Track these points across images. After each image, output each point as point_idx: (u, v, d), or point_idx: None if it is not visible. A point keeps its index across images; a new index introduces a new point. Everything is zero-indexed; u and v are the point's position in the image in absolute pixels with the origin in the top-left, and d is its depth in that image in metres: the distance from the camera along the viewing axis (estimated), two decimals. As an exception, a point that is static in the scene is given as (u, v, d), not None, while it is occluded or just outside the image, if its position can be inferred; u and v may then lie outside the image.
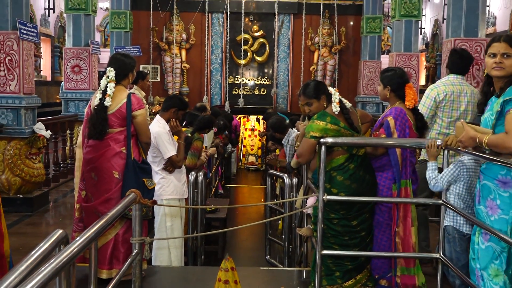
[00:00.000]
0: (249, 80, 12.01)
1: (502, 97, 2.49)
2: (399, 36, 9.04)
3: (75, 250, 1.94)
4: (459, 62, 4.32)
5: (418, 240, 4.26)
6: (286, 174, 5.14)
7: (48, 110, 11.88)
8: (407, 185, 3.37)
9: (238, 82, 11.95)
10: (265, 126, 11.49)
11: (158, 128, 4.38)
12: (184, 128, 5.08)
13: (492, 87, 2.69)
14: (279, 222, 6.43)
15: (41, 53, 14.18)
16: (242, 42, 11.78)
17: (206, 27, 11.70)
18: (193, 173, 5.07)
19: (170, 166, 4.41)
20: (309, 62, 11.92)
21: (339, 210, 3.33)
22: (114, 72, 3.65)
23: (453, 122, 4.11)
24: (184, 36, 11.67)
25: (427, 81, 15.11)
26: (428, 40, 15.94)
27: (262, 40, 11.89)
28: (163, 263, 4.42)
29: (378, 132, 3.50)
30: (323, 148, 3.15)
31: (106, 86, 3.62)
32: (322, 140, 3.17)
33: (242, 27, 11.70)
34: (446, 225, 3.26)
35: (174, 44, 11.60)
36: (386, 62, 10.66)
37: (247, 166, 13.13)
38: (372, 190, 3.39)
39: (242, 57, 11.81)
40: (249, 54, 11.89)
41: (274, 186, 7.23)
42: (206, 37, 11.73)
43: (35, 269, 1.69)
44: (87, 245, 2.11)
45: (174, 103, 4.56)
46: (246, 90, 11.98)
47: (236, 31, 11.82)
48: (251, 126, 13.43)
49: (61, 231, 2.02)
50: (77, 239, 2.05)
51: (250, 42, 11.87)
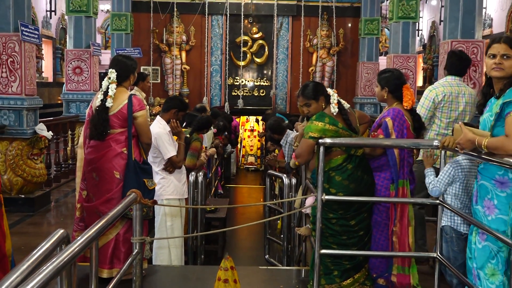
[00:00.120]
0: (248, 81, 12.01)
1: (502, 98, 2.48)
2: (397, 37, 9.05)
3: (76, 249, 1.93)
4: (458, 64, 4.32)
5: (415, 239, 4.27)
6: (285, 174, 5.14)
7: (49, 111, 11.88)
8: (405, 185, 3.37)
9: (238, 83, 11.94)
10: (264, 127, 11.48)
11: (159, 129, 4.37)
12: (183, 128, 5.08)
13: (492, 88, 2.68)
14: (278, 221, 6.44)
15: (42, 54, 14.17)
16: (242, 44, 11.78)
17: (206, 29, 11.70)
18: (193, 173, 5.07)
19: (170, 166, 4.41)
20: (307, 63, 11.93)
21: (338, 210, 3.32)
22: (116, 73, 3.65)
23: (451, 122, 4.11)
24: (184, 38, 11.68)
25: (425, 82, 15.12)
26: (425, 41, 15.95)
27: (261, 41, 11.89)
28: (164, 263, 4.41)
29: (376, 132, 3.50)
30: (322, 148, 3.15)
31: (108, 87, 3.62)
32: (320, 140, 3.17)
33: (242, 29, 11.70)
34: (443, 224, 3.26)
35: (174, 45, 11.59)
36: (384, 63, 10.68)
37: (247, 166, 13.13)
38: (370, 190, 3.39)
39: (241, 58, 11.81)
40: (248, 55, 11.90)
41: (273, 186, 7.23)
42: (206, 39, 11.73)
43: (37, 268, 1.69)
44: (88, 244, 2.11)
45: (174, 104, 4.56)
46: (246, 91, 11.98)
47: (235, 33, 11.82)
48: (251, 126, 13.43)
49: (62, 231, 2.01)
50: (78, 239, 2.05)
51: (249, 43, 11.88)
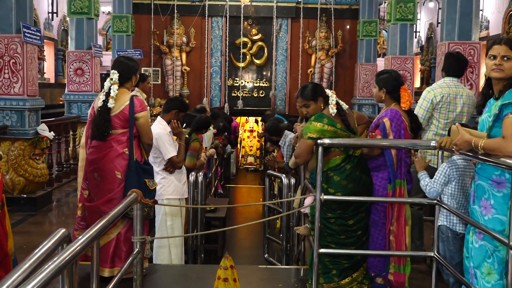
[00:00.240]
0: (248, 82, 12.01)
1: (501, 100, 2.48)
2: (395, 39, 9.06)
3: (78, 249, 1.93)
4: (455, 65, 4.32)
5: (412, 239, 4.27)
6: (284, 175, 5.14)
7: (51, 112, 11.88)
8: (402, 185, 3.38)
9: (237, 85, 11.95)
10: (263, 127, 11.48)
11: (159, 129, 4.37)
12: (183, 129, 5.08)
13: (491, 90, 2.67)
14: (277, 221, 6.43)
15: (44, 56, 14.15)
16: (241, 45, 11.78)
17: (206, 31, 11.70)
18: (193, 173, 5.07)
19: (171, 166, 4.41)
20: (306, 65, 11.93)
21: (336, 209, 3.32)
22: (118, 74, 3.65)
23: (449, 123, 4.11)
24: (184, 39, 11.67)
25: (422, 83, 15.13)
26: (422, 43, 15.96)
27: (260, 43, 11.90)
28: (164, 262, 4.41)
29: (374, 133, 3.50)
30: (320, 149, 3.15)
31: (110, 88, 3.62)
32: (319, 141, 3.17)
33: (241, 31, 11.70)
34: (440, 224, 3.26)
35: (174, 47, 11.59)
36: (381, 65, 10.69)
37: (246, 166, 13.12)
38: (368, 190, 3.39)
39: (241, 60, 11.82)
40: (248, 57, 11.90)
41: (272, 186, 7.23)
42: (206, 40, 11.73)
43: (38, 267, 1.69)
44: (89, 243, 2.11)
45: (175, 105, 4.55)
46: (245, 92, 11.98)
47: (235, 35, 11.82)
48: (250, 127, 13.43)
49: (63, 230, 2.01)
50: (79, 238, 2.05)
51: (249, 45, 11.88)
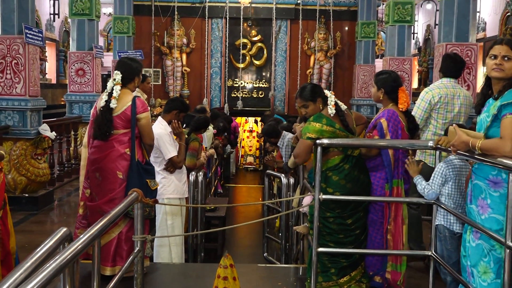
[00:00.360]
0: (247, 83, 12.01)
1: (500, 100, 2.47)
2: (393, 41, 9.06)
3: (79, 247, 1.93)
4: (452, 66, 4.33)
5: (412, 238, 4.27)
6: (283, 174, 5.14)
7: (53, 112, 11.87)
8: (399, 184, 3.38)
9: (237, 85, 11.94)
10: (263, 128, 11.47)
11: (160, 129, 4.36)
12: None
13: (490, 89, 2.67)
14: (276, 220, 6.43)
15: (46, 56, 14.16)
16: (241, 47, 11.78)
17: (206, 32, 11.70)
18: (193, 173, 5.06)
19: (171, 166, 4.40)
20: (305, 65, 11.94)
21: (335, 209, 3.32)
22: (121, 75, 3.65)
23: (447, 123, 4.11)
24: (184, 40, 11.67)
25: (420, 84, 15.14)
26: (420, 44, 15.96)
27: (260, 44, 11.90)
28: (164, 260, 4.41)
29: (371, 133, 3.50)
30: (319, 149, 3.15)
31: (112, 89, 3.61)
32: (318, 141, 3.17)
33: (241, 32, 11.70)
34: (437, 223, 3.26)
35: (175, 48, 11.59)
36: (380, 66, 10.68)
37: (246, 166, 13.11)
38: (366, 190, 3.39)
39: (240, 61, 11.81)
40: (247, 58, 11.90)
41: (272, 185, 7.22)
42: (206, 41, 11.73)
43: (40, 265, 1.69)
44: (90, 242, 2.11)
45: (176, 106, 4.55)
46: (245, 92, 11.98)
47: (235, 36, 11.82)
48: (250, 127, 13.41)
49: (65, 229, 2.01)
50: (80, 237, 2.05)
51: (248, 46, 11.88)
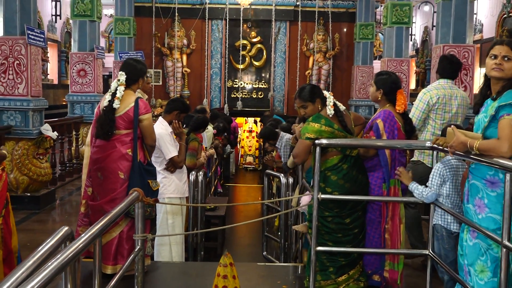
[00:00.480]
0: (247, 84, 12.01)
1: (498, 101, 2.47)
2: (391, 42, 9.06)
3: (80, 246, 1.93)
4: (449, 67, 4.33)
5: (415, 237, 4.27)
6: (282, 174, 5.14)
7: (54, 112, 11.85)
8: (396, 184, 3.38)
9: (237, 86, 11.95)
10: (260, 131, 11.47)
11: (161, 129, 4.36)
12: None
13: (489, 90, 2.66)
14: (276, 219, 6.43)
15: (48, 57, 14.15)
16: (241, 48, 11.78)
17: (206, 33, 11.70)
18: (193, 172, 5.06)
19: (172, 166, 4.40)
20: (304, 66, 11.94)
21: (333, 208, 3.32)
22: (125, 76, 3.65)
23: (445, 124, 4.11)
24: (185, 41, 11.68)
25: (417, 85, 15.14)
26: (418, 46, 15.97)
27: (259, 45, 11.90)
28: (165, 259, 4.40)
29: (368, 134, 3.50)
30: (318, 149, 3.15)
31: (116, 89, 3.61)
32: (317, 141, 3.17)
33: (241, 33, 11.70)
34: (435, 223, 3.26)
35: (175, 49, 11.59)
36: (378, 67, 10.68)
37: (245, 166, 13.11)
38: (364, 189, 3.39)
39: (240, 62, 11.81)
40: (247, 59, 11.90)
41: (271, 185, 7.22)
42: (206, 42, 11.73)
43: (42, 264, 1.69)
44: (92, 241, 2.10)
45: (176, 106, 4.54)
46: (244, 93, 11.98)
47: (235, 37, 11.82)
48: (249, 128, 13.41)
49: (66, 228, 2.01)
50: (82, 236, 2.05)
51: (248, 47, 11.88)
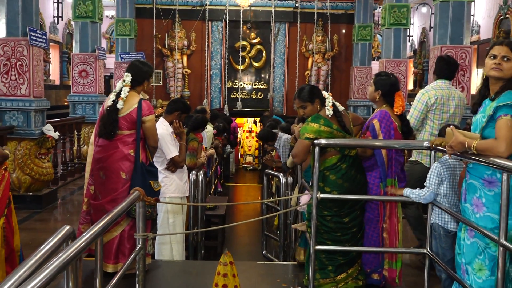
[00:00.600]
0: (247, 84, 12.02)
1: (496, 102, 2.47)
2: (389, 43, 9.06)
3: (82, 245, 1.93)
4: (446, 68, 4.33)
5: (418, 233, 4.27)
6: (281, 174, 5.14)
7: (56, 113, 11.85)
8: (393, 183, 3.37)
9: (237, 86, 11.95)
10: (262, 128, 11.46)
11: (162, 130, 4.35)
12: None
13: (488, 90, 2.66)
14: (275, 218, 6.43)
15: (50, 58, 14.14)
16: (240, 49, 11.79)
17: (206, 35, 11.71)
18: (193, 172, 5.05)
19: (173, 166, 4.40)
20: (303, 67, 11.95)
21: (332, 207, 3.32)
22: (131, 77, 3.64)
23: (443, 124, 4.11)
24: (185, 43, 11.68)
25: (415, 86, 15.14)
26: (416, 47, 15.97)
27: (259, 46, 11.90)
28: (166, 258, 4.40)
29: (365, 135, 3.50)
30: (317, 149, 3.15)
31: (121, 89, 3.61)
32: (316, 141, 3.17)
33: (241, 35, 11.70)
34: (432, 222, 3.26)
35: (176, 50, 11.59)
36: (376, 68, 10.69)
37: (245, 166, 13.11)
38: (363, 189, 3.39)
39: (240, 62, 11.82)
40: (247, 60, 11.90)
41: (270, 184, 7.22)
42: (206, 44, 11.73)
43: (44, 263, 1.69)
44: (93, 240, 2.10)
45: (178, 107, 4.53)
46: (244, 94, 11.98)
47: (234, 38, 11.83)
48: (249, 128, 13.41)
49: (68, 227, 2.01)
50: (83, 235, 2.04)
51: (248, 48, 11.88)
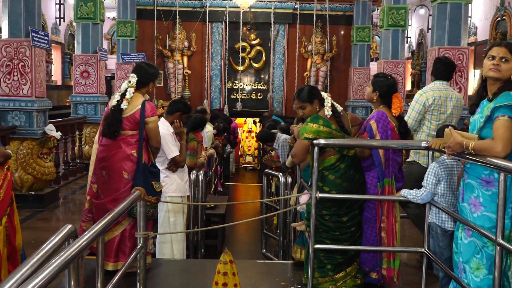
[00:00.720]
0: (246, 85, 12.01)
1: (494, 102, 2.47)
2: (387, 44, 9.06)
3: (83, 244, 1.93)
4: (444, 69, 4.32)
5: (422, 230, 4.26)
6: (281, 173, 5.14)
7: (58, 113, 11.84)
8: (390, 183, 3.37)
9: (236, 87, 11.94)
10: (261, 128, 11.47)
11: (163, 130, 4.33)
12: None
13: (486, 91, 2.66)
14: (274, 218, 6.43)
15: (52, 59, 14.12)
16: (240, 50, 11.78)
17: (207, 36, 11.70)
18: (194, 172, 5.05)
19: (174, 166, 4.39)
20: (302, 68, 11.94)
21: (331, 207, 3.32)
22: (136, 79, 3.64)
23: (440, 124, 4.10)
24: (186, 44, 11.67)
25: (413, 87, 15.13)
26: (413, 48, 15.96)
27: (259, 48, 11.90)
28: (166, 256, 4.40)
29: (363, 135, 3.50)
30: (316, 149, 3.15)
31: (126, 90, 3.61)
32: (315, 141, 3.17)
33: (240, 36, 11.70)
34: (430, 221, 3.26)
35: (176, 51, 11.58)
36: (374, 69, 10.71)
37: (245, 165, 13.11)
38: (361, 188, 3.39)
39: (240, 63, 11.81)
40: (246, 61, 11.90)
41: (270, 184, 7.22)
42: (207, 45, 11.73)
43: (46, 261, 1.69)
44: (94, 239, 2.10)
45: (178, 108, 4.53)
46: (244, 94, 11.98)
47: (234, 40, 11.82)
48: (249, 128, 13.41)
49: (70, 226, 2.01)
50: (85, 234, 2.05)
51: (247, 49, 11.88)
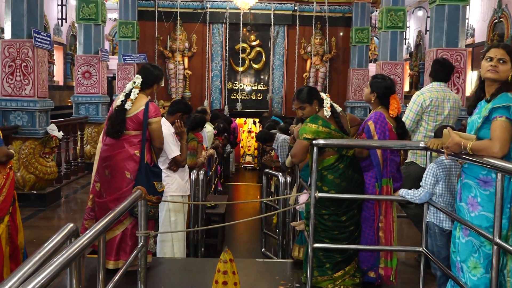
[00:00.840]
0: (246, 85, 12.01)
1: (492, 103, 2.47)
2: (385, 46, 9.05)
3: (85, 243, 1.93)
4: (441, 71, 4.32)
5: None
6: (280, 173, 5.13)
7: (60, 113, 11.85)
8: (388, 183, 3.37)
9: (237, 88, 11.94)
10: (261, 129, 11.46)
11: (164, 130, 4.30)
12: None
13: (484, 92, 2.65)
14: (274, 217, 6.43)
15: (54, 59, 14.12)
16: (240, 51, 11.78)
17: (207, 37, 11.70)
18: (194, 171, 5.05)
19: (175, 165, 4.39)
20: (302, 69, 11.94)
21: (330, 206, 3.32)
22: (141, 80, 3.63)
23: (438, 125, 4.10)
24: (186, 45, 11.67)
25: (411, 88, 15.15)
26: (412, 49, 15.97)
27: (258, 49, 11.90)
28: (167, 255, 4.40)
29: (361, 136, 3.50)
30: (315, 149, 3.15)
31: (131, 90, 3.60)
32: (314, 141, 3.17)
33: (240, 37, 11.70)
34: (428, 220, 3.26)
35: (177, 52, 11.58)
36: (373, 70, 10.69)
37: (245, 165, 13.11)
38: (360, 188, 3.39)
39: (240, 64, 11.81)
40: (246, 61, 11.90)
41: (270, 184, 7.22)
42: (207, 46, 11.73)
43: (48, 260, 1.69)
44: (96, 238, 2.10)
45: (179, 108, 4.53)
46: (244, 95, 11.98)
47: (234, 41, 11.82)
48: (248, 128, 13.41)
49: (72, 225, 2.01)
50: (86, 233, 2.05)
51: (247, 50, 11.88)
